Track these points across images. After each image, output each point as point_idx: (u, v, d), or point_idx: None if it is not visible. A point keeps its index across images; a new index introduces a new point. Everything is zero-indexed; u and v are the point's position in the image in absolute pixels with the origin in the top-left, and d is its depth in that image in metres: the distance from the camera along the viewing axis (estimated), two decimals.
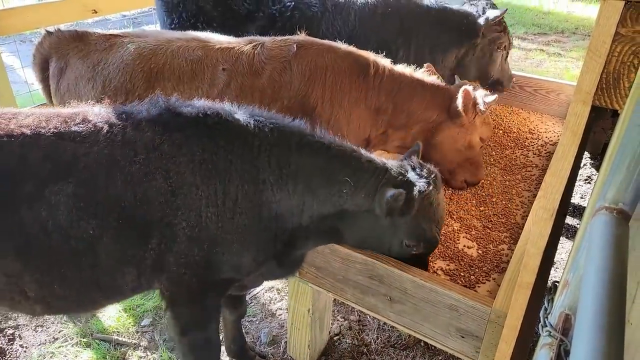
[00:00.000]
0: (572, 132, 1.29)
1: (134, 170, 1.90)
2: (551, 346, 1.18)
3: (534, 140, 3.78)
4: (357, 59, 2.88)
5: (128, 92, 2.82)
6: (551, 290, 1.48)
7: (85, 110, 2.03)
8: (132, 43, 2.89)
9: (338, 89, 2.81)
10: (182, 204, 1.94)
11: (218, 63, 2.79)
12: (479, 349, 2.06)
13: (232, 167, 1.99)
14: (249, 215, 2.03)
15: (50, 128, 1.89)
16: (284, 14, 3.75)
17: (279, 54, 2.81)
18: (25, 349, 3.03)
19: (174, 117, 2.01)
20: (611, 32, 1.16)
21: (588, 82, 1.23)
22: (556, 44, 9.45)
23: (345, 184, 2.03)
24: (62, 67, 2.92)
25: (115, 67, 2.82)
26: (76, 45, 2.92)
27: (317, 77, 2.79)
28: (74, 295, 2.03)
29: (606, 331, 0.78)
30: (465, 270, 2.44)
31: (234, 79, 2.77)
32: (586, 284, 0.90)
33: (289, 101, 2.79)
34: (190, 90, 2.78)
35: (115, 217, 1.89)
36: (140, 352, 3.02)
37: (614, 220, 1.02)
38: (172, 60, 2.81)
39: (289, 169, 2.04)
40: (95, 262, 1.94)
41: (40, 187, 1.83)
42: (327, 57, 2.82)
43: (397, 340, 3.14)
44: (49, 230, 1.84)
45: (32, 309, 2.07)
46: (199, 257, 2.02)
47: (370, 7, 3.72)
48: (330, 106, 2.82)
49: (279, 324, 3.27)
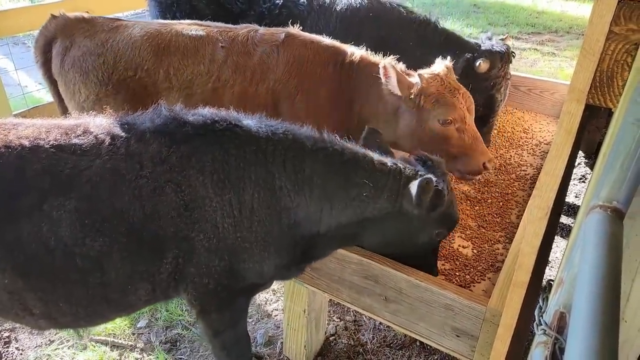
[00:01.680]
0: (566, 131, 1.29)
1: (141, 184, 1.84)
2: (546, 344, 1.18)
3: (528, 140, 3.79)
4: (336, 50, 2.98)
5: (137, 65, 2.97)
6: (546, 289, 1.48)
7: (86, 122, 1.97)
8: (138, 24, 3.09)
9: (317, 78, 2.91)
10: (197, 216, 1.88)
11: (217, 41, 2.99)
12: (474, 348, 2.07)
13: (245, 175, 1.93)
14: (268, 223, 1.98)
15: (50, 140, 1.83)
16: (273, 12, 3.85)
17: (269, 39, 2.99)
18: (22, 351, 3.01)
19: (180, 127, 1.95)
20: (605, 31, 1.16)
21: (582, 80, 1.23)
22: (550, 43, 9.49)
23: (365, 187, 2.00)
24: (68, 45, 3.01)
25: (125, 43, 2.98)
26: (82, 26, 3.04)
27: (298, 65, 2.91)
28: (82, 312, 1.98)
29: (600, 329, 0.78)
30: (461, 270, 2.44)
31: (231, 56, 2.95)
32: (581, 282, 0.90)
33: (274, 83, 2.93)
34: (194, 65, 2.97)
35: (122, 234, 1.83)
36: (136, 354, 3.01)
37: (608, 219, 1.02)
38: (177, 37, 3.00)
39: (304, 174, 1.99)
40: (104, 280, 1.88)
41: (39, 202, 1.77)
42: (310, 47, 2.95)
43: (393, 340, 3.14)
44: (51, 248, 1.78)
45: (37, 325, 2.02)
46: (221, 267, 1.98)
47: (353, 10, 3.72)
48: (309, 94, 2.92)
49: (274, 325, 3.26)
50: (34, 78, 6.51)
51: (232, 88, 2.94)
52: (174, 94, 2.98)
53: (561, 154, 1.33)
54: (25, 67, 6.27)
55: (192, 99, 2.94)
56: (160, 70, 2.96)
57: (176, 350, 3.04)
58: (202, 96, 2.94)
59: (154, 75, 2.97)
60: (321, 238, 2.10)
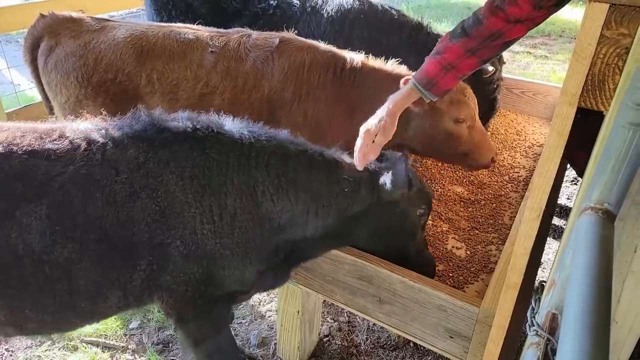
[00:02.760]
0: (558, 133, 1.31)
1: (116, 190, 1.81)
2: (538, 345, 1.19)
3: (521, 142, 3.81)
4: (334, 55, 2.91)
5: (118, 69, 2.86)
6: (538, 290, 1.49)
7: (62, 126, 1.93)
8: (124, 26, 2.98)
9: (315, 84, 2.84)
10: (174, 223, 1.86)
11: (207, 46, 2.88)
12: (467, 349, 2.08)
13: (227, 181, 1.92)
14: (249, 228, 1.97)
15: (24, 145, 1.80)
16: (267, 12, 3.85)
17: (262, 44, 2.90)
18: (12, 352, 2.99)
19: (159, 133, 1.93)
20: (596, 35, 1.18)
21: (574, 84, 1.25)
22: (543, 46, 9.55)
23: (345, 182, 2.05)
24: (52, 45, 2.95)
25: (107, 45, 2.88)
26: (69, 26, 2.97)
27: (294, 71, 2.83)
28: (49, 319, 1.93)
29: (592, 330, 0.79)
30: (454, 271, 2.45)
31: (221, 62, 2.85)
32: (572, 283, 0.91)
33: (269, 92, 2.84)
34: (180, 69, 2.85)
35: (94, 241, 1.79)
36: (128, 355, 3.00)
37: (599, 221, 1.03)
38: (164, 40, 2.89)
39: (288, 177, 2.00)
40: (72, 287, 1.84)
41: (9, 209, 1.73)
42: (306, 53, 2.87)
43: (386, 341, 3.14)
44: (19, 255, 1.74)
45: (4, 331, 1.98)
46: (199, 274, 1.95)
47: (343, 12, 3.72)
48: (308, 101, 2.85)
49: (268, 326, 3.26)
50: (27, 76, 6.41)
51: (222, 95, 2.84)
52: (156, 98, 2.88)
53: (553, 156, 1.34)
54: (17, 65, 6.21)
55: (177, 104, 2.84)
56: (142, 74, 2.86)
57: (168, 352, 3.03)
58: (188, 102, 2.84)
59: (136, 79, 2.87)
60: (309, 241, 2.12)
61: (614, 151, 1.05)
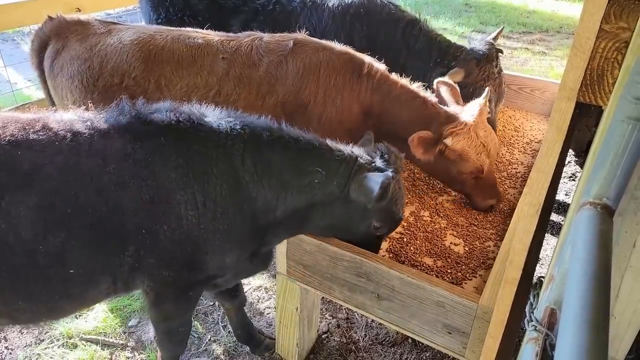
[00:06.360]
0: (556, 129, 1.30)
1: (104, 180, 1.85)
2: (537, 340, 1.19)
3: (519, 138, 3.81)
4: (352, 58, 2.86)
5: (124, 72, 2.80)
6: (537, 286, 1.49)
7: (45, 117, 1.94)
8: (132, 28, 2.92)
9: (331, 86, 2.80)
10: (160, 210, 1.93)
11: (218, 52, 2.81)
12: (466, 345, 2.08)
13: (208, 170, 1.99)
14: (230, 214, 2.04)
15: (6, 136, 1.80)
16: (267, 8, 3.83)
17: (276, 48, 2.83)
18: (11, 350, 2.98)
19: (143, 125, 1.97)
20: (595, 29, 1.17)
21: (572, 78, 1.24)
22: (541, 42, 9.54)
23: (317, 174, 2.08)
24: (59, 48, 2.90)
25: (113, 48, 2.82)
26: (76, 29, 2.93)
27: (310, 73, 2.79)
28: (42, 308, 1.98)
29: (591, 325, 0.78)
30: (452, 267, 2.45)
31: (233, 68, 2.79)
32: (571, 278, 0.90)
33: (283, 95, 2.80)
34: (190, 76, 2.78)
35: (85, 229, 1.84)
36: (127, 353, 2.99)
37: (598, 215, 1.03)
38: (172, 44, 2.82)
39: (263, 165, 2.06)
40: (64, 275, 1.88)
41: None
42: (322, 54, 2.82)
43: (385, 337, 3.15)
44: (10, 245, 1.76)
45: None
46: (182, 258, 2.03)
47: (344, 7, 3.72)
48: (324, 103, 2.82)
49: (267, 323, 3.26)
50: (24, 75, 6.44)
51: (235, 103, 2.77)
52: None
53: (552, 151, 1.34)
54: (14, 63, 6.20)
55: None
56: (150, 79, 2.79)
57: None
58: None
59: (144, 84, 2.80)
60: (275, 224, 2.17)
61: (613, 146, 1.05)
